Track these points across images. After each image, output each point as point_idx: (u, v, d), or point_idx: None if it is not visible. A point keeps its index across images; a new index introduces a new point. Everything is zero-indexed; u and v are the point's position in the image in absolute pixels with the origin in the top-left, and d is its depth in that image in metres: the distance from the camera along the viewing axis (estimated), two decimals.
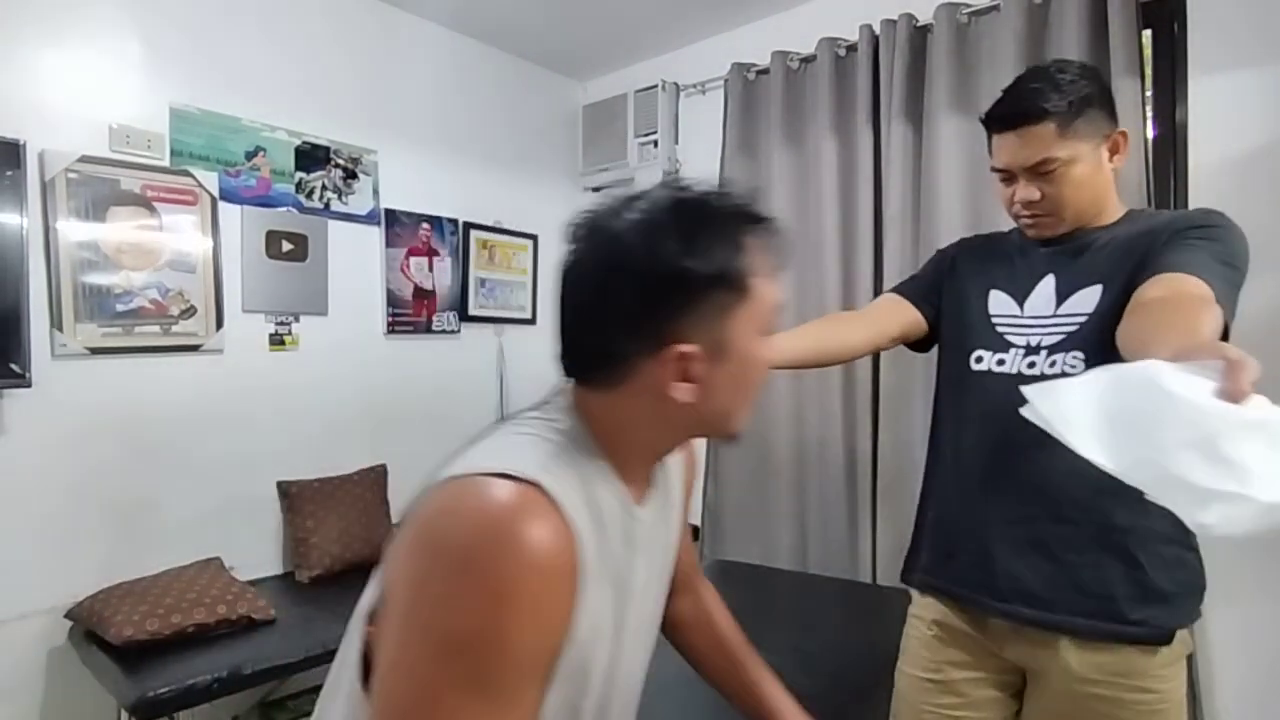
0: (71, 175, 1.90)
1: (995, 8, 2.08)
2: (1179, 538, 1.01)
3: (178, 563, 2.02)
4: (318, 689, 0.70)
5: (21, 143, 1.77)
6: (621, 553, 0.65)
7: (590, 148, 3.17)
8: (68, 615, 1.85)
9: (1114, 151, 1.07)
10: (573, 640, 0.58)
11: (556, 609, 0.56)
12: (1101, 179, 1.07)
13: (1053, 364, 1.05)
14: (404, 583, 0.55)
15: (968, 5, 2.14)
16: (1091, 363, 1.02)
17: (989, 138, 1.12)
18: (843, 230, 2.37)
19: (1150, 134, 1.88)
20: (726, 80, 2.66)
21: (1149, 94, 1.91)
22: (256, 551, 2.27)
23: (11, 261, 1.75)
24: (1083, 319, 1.05)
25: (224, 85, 2.21)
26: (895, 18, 2.23)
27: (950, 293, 1.24)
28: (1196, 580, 1.04)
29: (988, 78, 2.05)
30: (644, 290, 0.60)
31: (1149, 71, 1.92)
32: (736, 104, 2.64)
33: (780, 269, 0.66)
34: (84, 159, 1.92)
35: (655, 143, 2.90)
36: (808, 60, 2.48)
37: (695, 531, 2.59)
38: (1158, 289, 0.90)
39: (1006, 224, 1.19)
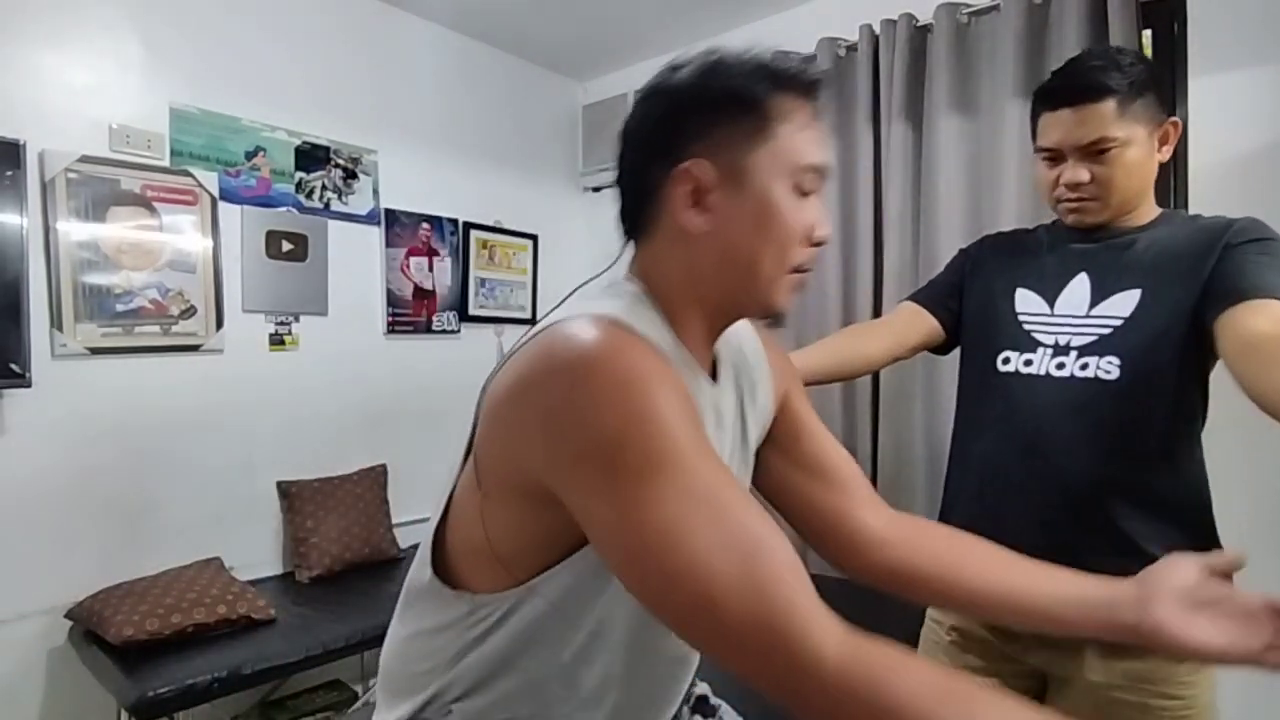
0: (71, 175, 1.90)
1: (995, 8, 2.07)
2: (1202, 545, 0.98)
3: (178, 562, 2.02)
4: (318, 689, 0.70)
5: (21, 143, 1.77)
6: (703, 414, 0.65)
7: (590, 148, 3.17)
8: (68, 615, 1.85)
9: (1164, 141, 1.04)
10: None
11: (681, 387, 0.57)
12: (1149, 168, 1.04)
13: (1083, 366, 1.03)
14: (537, 429, 0.55)
15: (968, 5, 2.14)
16: (1127, 369, 1.00)
17: (1036, 117, 1.08)
18: (842, 230, 2.36)
19: None
20: None
21: None
22: (256, 551, 2.27)
23: (11, 261, 1.75)
24: (1118, 323, 1.02)
25: (224, 85, 2.21)
26: (895, 18, 2.23)
27: (973, 292, 1.21)
28: None
29: (988, 78, 2.04)
30: (662, 110, 0.64)
31: None
32: None
33: (821, 133, 0.66)
34: (84, 159, 1.92)
35: None
36: (807, 60, 2.47)
37: None
38: (1264, 321, 0.87)
39: (1006, 225, 1.17)
